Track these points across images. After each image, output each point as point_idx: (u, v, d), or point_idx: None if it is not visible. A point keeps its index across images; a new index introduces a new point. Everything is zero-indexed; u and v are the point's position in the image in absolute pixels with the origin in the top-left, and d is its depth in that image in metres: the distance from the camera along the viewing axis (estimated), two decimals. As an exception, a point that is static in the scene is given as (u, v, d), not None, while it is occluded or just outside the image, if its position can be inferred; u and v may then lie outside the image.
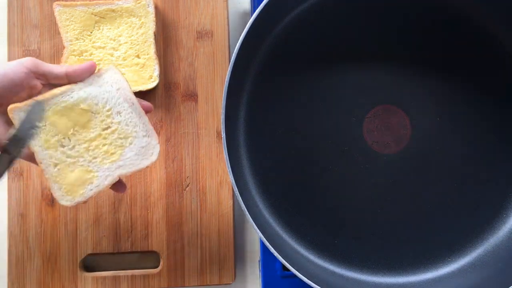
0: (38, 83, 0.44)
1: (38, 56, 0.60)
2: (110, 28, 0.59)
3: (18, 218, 0.58)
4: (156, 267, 0.59)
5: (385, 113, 0.53)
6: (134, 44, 0.59)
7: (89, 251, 0.59)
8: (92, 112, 0.45)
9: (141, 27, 0.59)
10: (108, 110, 0.46)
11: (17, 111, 0.43)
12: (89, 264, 0.60)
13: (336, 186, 0.52)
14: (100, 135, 0.46)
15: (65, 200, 0.45)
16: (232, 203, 0.60)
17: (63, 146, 0.45)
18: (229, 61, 0.51)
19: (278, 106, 0.52)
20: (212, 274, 0.59)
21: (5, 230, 0.59)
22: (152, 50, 0.58)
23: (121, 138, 0.46)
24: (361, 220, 0.52)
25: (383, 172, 0.53)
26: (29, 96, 0.44)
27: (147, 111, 0.48)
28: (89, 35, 0.59)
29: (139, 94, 0.54)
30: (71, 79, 0.45)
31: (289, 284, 0.56)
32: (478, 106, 0.53)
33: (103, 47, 0.58)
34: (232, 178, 0.43)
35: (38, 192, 0.59)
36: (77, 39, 0.58)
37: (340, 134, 0.53)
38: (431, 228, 0.52)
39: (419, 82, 0.53)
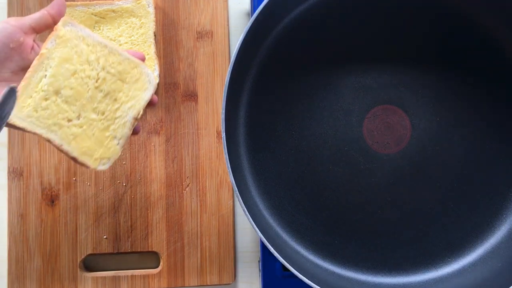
0: (28, 39, 0.43)
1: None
2: (110, 28, 0.59)
3: (18, 218, 0.58)
4: (156, 267, 0.60)
5: (385, 113, 0.53)
6: (134, 44, 0.59)
7: (89, 251, 0.59)
8: (75, 73, 0.44)
9: (141, 27, 0.59)
10: (86, 63, 0.44)
11: None
12: (89, 264, 0.60)
13: (336, 186, 0.52)
14: (96, 88, 0.45)
15: (101, 164, 0.45)
16: (232, 203, 0.60)
17: (70, 121, 0.44)
18: (229, 61, 0.51)
19: (278, 106, 0.52)
20: (212, 274, 0.59)
21: (5, 230, 0.59)
22: (152, 50, 0.58)
23: (114, 83, 0.45)
24: (361, 220, 0.52)
25: (383, 172, 0.53)
26: (23, 59, 0.43)
27: (141, 60, 0.47)
28: (89, 35, 0.59)
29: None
30: (55, 16, 0.44)
31: (289, 284, 0.56)
32: (478, 106, 0.53)
33: (103, 47, 0.58)
34: (232, 178, 0.43)
35: (38, 192, 0.59)
36: (77, 39, 0.58)
37: (340, 134, 0.53)
38: (431, 228, 0.52)
39: (419, 82, 0.53)
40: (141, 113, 0.47)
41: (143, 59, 0.48)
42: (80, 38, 0.44)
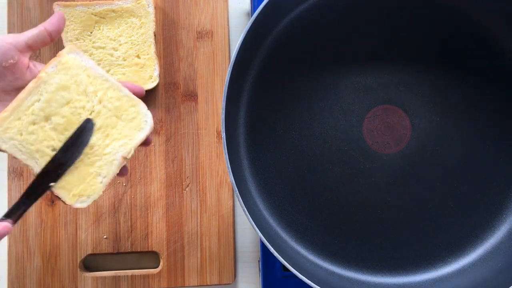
0: (23, 58, 0.42)
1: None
2: (110, 28, 0.59)
3: (18, 218, 0.58)
4: (156, 267, 0.60)
5: (385, 113, 0.53)
6: (134, 44, 0.59)
7: (89, 251, 0.59)
8: (70, 103, 0.42)
9: (141, 27, 0.59)
10: (83, 94, 0.43)
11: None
12: (89, 264, 0.60)
13: (336, 186, 0.52)
14: None
15: (80, 202, 0.43)
16: (232, 203, 0.60)
17: (54, 150, 0.42)
18: (229, 61, 0.51)
19: (278, 106, 0.52)
20: (212, 274, 0.59)
21: (5, 230, 0.59)
22: (152, 50, 0.58)
23: (109, 118, 0.44)
24: (361, 220, 0.52)
25: (383, 172, 0.53)
26: (16, 79, 0.42)
27: (139, 95, 0.46)
28: (89, 35, 0.59)
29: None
30: (53, 33, 0.43)
31: (289, 284, 0.55)
32: (478, 106, 0.53)
33: (103, 47, 0.58)
34: (232, 178, 0.43)
35: (38, 192, 0.59)
36: (77, 39, 0.58)
37: (340, 134, 0.53)
38: (431, 228, 0.52)
39: (419, 82, 0.53)
40: (132, 152, 0.44)
41: (142, 94, 0.46)
42: (82, 68, 0.43)
